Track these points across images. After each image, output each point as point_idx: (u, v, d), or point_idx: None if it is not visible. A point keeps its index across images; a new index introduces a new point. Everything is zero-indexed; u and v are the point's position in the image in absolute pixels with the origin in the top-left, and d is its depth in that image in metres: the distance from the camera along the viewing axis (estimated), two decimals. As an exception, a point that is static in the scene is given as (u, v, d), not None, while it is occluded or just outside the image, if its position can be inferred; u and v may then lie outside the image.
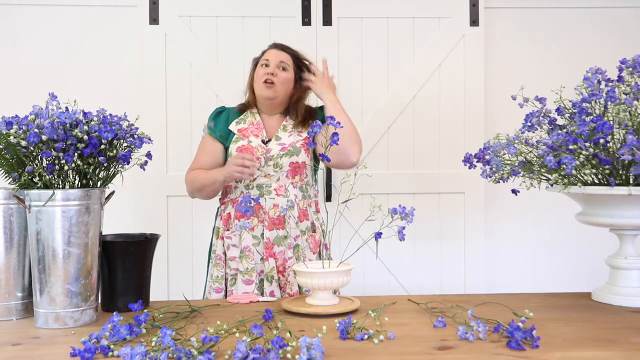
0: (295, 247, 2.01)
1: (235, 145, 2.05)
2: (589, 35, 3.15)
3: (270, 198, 2.01)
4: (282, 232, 1.99)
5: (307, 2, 3.02)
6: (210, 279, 2.06)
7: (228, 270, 2.02)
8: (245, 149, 2.02)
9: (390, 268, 3.07)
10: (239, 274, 1.99)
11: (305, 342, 1.13)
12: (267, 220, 1.99)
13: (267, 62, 2.06)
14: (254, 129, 2.08)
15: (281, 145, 2.03)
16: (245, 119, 2.11)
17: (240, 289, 1.98)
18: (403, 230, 1.53)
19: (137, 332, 1.30)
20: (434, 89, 3.08)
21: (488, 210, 3.11)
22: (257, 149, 2.02)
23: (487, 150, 1.74)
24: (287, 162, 2.01)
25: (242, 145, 2.03)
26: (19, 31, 2.98)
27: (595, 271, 2.16)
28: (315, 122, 1.59)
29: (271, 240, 1.99)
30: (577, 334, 1.32)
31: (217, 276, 2.03)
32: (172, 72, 3.00)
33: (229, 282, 2.02)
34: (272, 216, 1.99)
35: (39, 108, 1.48)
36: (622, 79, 1.57)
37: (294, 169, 2.02)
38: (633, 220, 1.55)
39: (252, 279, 1.98)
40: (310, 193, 2.09)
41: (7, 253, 1.51)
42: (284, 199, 2.01)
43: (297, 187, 2.04)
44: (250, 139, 2.05)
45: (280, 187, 2.02)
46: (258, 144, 2.03)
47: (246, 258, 1.99)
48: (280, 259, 1.99)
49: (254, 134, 2.06)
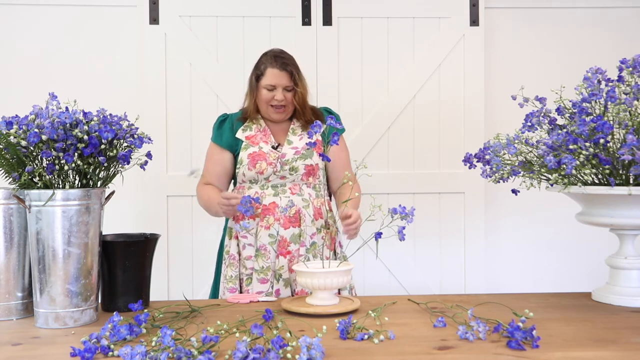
0: (312, 244, 2.02)
1: (246, 152, 2.05)
2: (589, 35, 3.15)
3: (285, 197, 2.02)
4: (298, 230, 2.00)
5: (307, 2, 3.02)
6: (224, 279, 2.07)
7: (243, 269, 2.03)
8: (257, 155, 2.03)
9: (390, 268, 3.07)
10: (254, 272, 2.00)
11: (305, 342, 1.13)
12: (283, 218, 2.00)
13: (273, 87, 2.04)
14: (262, 136, 2.08)
15: (294, 149, 2.05)
16: (250, 126, 2.11)
17: (255, 288, 1.99)
18: (403, 230, 1.53)
19: (137, 332, 1.30)
20: (434, 89, 3.08)
21: (488, 210, 3.11)
22: (269, 154, 2.03)
23: (487, 150, 1.74)
24: (302, 166, 2.02)
25: (254, 152, 2.03)
26: (18, 31, 2.97)
27: (595, 271, 2.16)
28: (316, 122, 1.59)
29: (287, 238, 1.99)
30: (577, 334, 1.33)
31: (231, 276, 2.04)
32: (172, 72, 2.99)
33: (245, 281, 2.03)
34: (287, 215, 2.00)
35: (39, 108, 1.48)
36: (622, 78, 1.57)
37: (308, 171, 2.04)
38: (633, 220, 1.55)
39: (267, 278, 1.99)
40: (322, 192, 2.10)
41: (7, 253, 1.51)
42: (298, 197, 2.02)
43: (311, 187, 2.06)
44: (261, 145, 2.05)
45: (294, 186, 2.04)
46: (269, 150, 2.04)
47: (262, 257, 2.00)
48: (296, 257, 1.99)
49: (263, 140, 2.07)
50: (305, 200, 2.03)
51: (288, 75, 2.03)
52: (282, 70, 2.03)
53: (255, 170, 2.02)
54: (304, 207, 2.02)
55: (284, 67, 2.03)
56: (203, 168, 2.17)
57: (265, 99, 2.05)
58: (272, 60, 2.05)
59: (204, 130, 3.00)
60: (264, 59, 2.08)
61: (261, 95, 2.05)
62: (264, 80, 2.04)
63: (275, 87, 2.03)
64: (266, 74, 2.04)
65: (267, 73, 2.04)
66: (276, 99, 2.03)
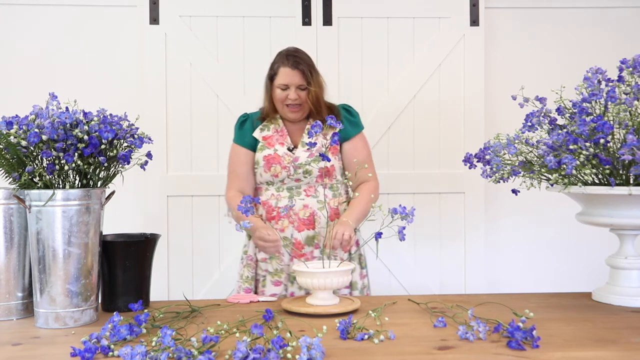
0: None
1: (262, 153, 2.04)
2: (589, 35, 3.15)
3: (300, 199, 2.01)
4: (312, 232, 2.00)
5: (307, 2, 3.02)
6: (240, 279, 2.08)
7: (259, 271, 2.04)
8: (272, 159, 2.02)
9: (390, 268, 3.07)
10: (267, 274, 2.01)
11: (305, 342, 1.13)
12: (297, 221, 1.99)
13: (285, 86, 2.02)
14: (278, 137, 2.07)
15: (308, 151, 2.03)
16: (268, 126, 2.10)
17: (269, 290, 2.00)
18: (403, 230, 1.53)
19: (137, 332, 1.30)
20: (434, 89, 3.08)
21: (488, 211, 3.11)
22: (283, 157, 2.02)
23: (487, 150, 1.74)
24: (316, 168, 2.01)
25: (269, 155, 2.03)
26: (18, 31, 2.97)
27: (595, 271, 2.16)
28: (316, 122, 1.59)
29: (301, 241, 1.99)
30: (577, 334, 1.33)
31: (247, 277, 2.05)
32: (172, 72, 2.99)
33: (260, 282, 2.04)
34: (302, 217, 2.00)
35: (39, 108, 1.48)
36: (622, 79, 1.57)
37: (322, 174, 2.02)
38: (633, 220, 1.55)
39: (281, 280, 1.99)
40: (340, 191, 2.09)
41: (7, 253, 1.51)
42: (313, 199, 2.02)
43: (327, 187, 2.05)
44: (276, 147, 2.04)
45: (310, 188, 2.03)
46: (284, 153, 2.03)
47: (276, 259, 2.00)
48: (310, 259, 1.99)
49: (279, 142, 2.06)
50: (321, 202, 2.02)
51: (300, 74, 2.00)
52: (294, 69, 2.00)
53: (270, 173, 2.02)
54: (319, 209, 2.01)
55: (295, 65, 2.00)
56: (228, 171, 2.14)
57: (280, 99, 2.03)
58: (284, 59, 2.03)
59: (204, 130, 3.02)
60: (277, 58, 2.07)
61: (276, 94, 2.04)
62: (277, 80, 2.03)
63: (288, 86, 2.01)
64: (279, 73, 2.02)
65: (279, 72, 2.02)
66: (290, 98, 2.01)
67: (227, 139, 3.04)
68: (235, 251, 3.02)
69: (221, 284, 2.99)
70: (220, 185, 3.04)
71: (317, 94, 2.02)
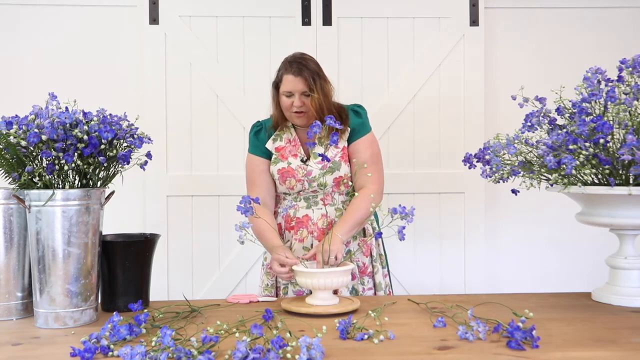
0: (347, 252, 1.98)
1: (276, 167, 2.02)
2: (589, 35, 3.15)
3: (318, 209, 2.00)
4: None
5: (307, 2, 3.02)
6: (261, 284, 2.08)
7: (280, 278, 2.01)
8: (286, 172, 2.00)
9: (391, 268, 3.07)
10: (289, 284, 2.00)
11: (305, 342, 1.13)
12: (317, 230, 1.98)
13: (290, 93, 1.97)
14: (291, 148, 2.04)
15: (321, 163, 1.99)
16: (281, 135, 2.07)
17: None
18: (403, 229, 1.53)
19: (137, 332, 1.30)
20: (434, 89, 3.08)
21: (488, 210, 3.11)
22: (297, 170, 1.99)
23: (487, 150, 1.74)
24: (330, 180, 1.98)
25: (283, 168, 2.01)
26: (18, 31, 2.97)
27: (595, 271, 2.16)
28: (315, 123, 1.58)
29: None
30: (577, 334, 1.33)
31: (267, 284, 2.04)
32: (172, 72, 2.99)
33: (281, 290, 2.03)
34: (320, 226, 1.98)
35: (39, 108, 1.48)
36: (622, 79, 1.57)
37: (337, 183, 1.99)
38: (633, 220, 1.55)
39: (302, 290, 1.97)
40: None
41: (7, 253, 1.51)
42: (331, 207, 2.00)
43: (344, 194, 2.03)
44: (290, 160, 2.02)
45: (327, 197, 2.01)
46: (298, 165, 2.01)
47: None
48: None
49: (292, 153, 2.03)
50: (339, 210, 2.00)
51: (303, 81, 1.94)
52: (297, 76, 1.95)
53: (286, 186, 2.01)
54: (337, 217, 1.98)
55: (299, 72, 1.95)
56: (246, 183, 2.10)
57: (285, 106, 1.99)
58: (288, 65, 1.99)
59: (204, 130, 3.02)
60: (282, 64, 2.02)
61: (282, 102, 2.00)
62: (282, 87, 1.99)
63: (292, 94, 1.97)
64: (283, 81, 1.98)
65: (283, 79, 1.98)
66: (295, 105, 1.97)
67: (227, 139, 3.07)
68: (235, 251, 3.02)
69: (221, 284, 2.99)
70: (220, 186, 3.06)
71: (320, 101, 1.95)
